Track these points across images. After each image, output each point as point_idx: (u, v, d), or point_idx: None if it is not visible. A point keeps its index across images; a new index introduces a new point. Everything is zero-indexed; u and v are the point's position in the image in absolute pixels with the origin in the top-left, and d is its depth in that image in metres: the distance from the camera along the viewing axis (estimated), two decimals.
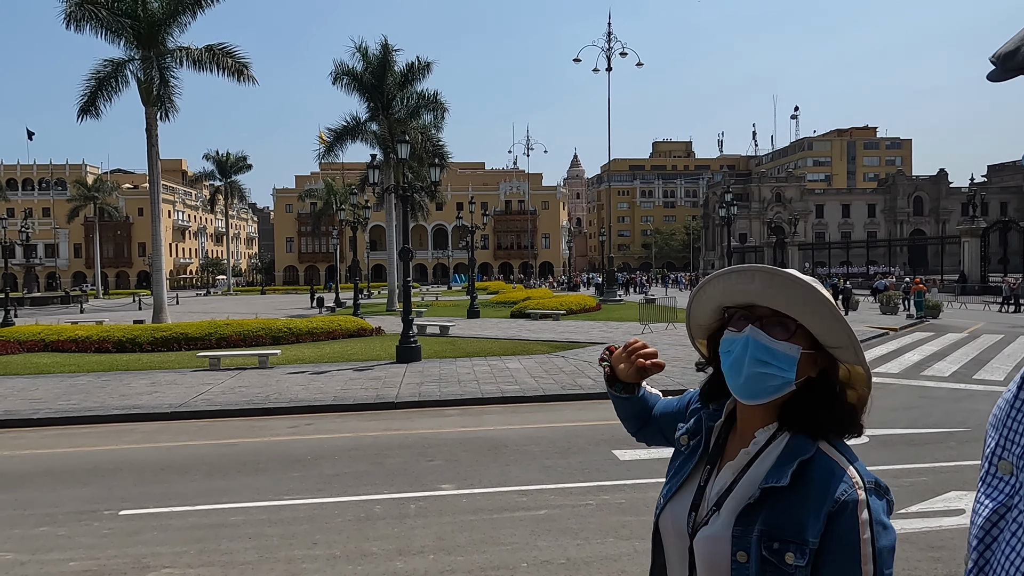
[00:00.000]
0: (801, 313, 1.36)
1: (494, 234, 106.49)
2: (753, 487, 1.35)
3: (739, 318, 1.41)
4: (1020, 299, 31.92)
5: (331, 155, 38.76)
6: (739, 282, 1.40)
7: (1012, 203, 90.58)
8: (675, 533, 1.45)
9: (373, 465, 8.05)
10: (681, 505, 1.46)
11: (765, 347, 1.35)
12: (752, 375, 1.35)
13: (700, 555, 1.38)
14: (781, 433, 1.39)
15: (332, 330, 21.70)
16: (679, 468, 1.52)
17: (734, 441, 1.47)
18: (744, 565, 1.30)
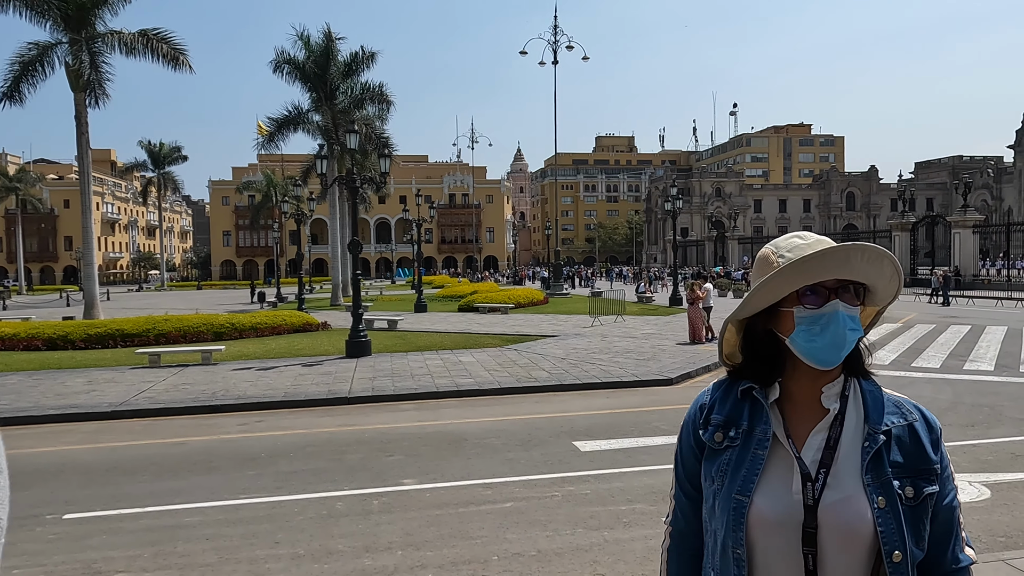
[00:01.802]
0: (877, 278, 1.45)
1: (438, 228, 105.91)
2: (861, 435, 1.42)
3: (809, 293, 1.43)
4: (948, 291, 33.39)
5: (271, 146, 37.89)
6: (834, 263, 1.41)
7: (938, 199, 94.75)
8: (777, 517, 1.38)
9: (332, 461, 7.86)
10: (778, 485, 1.40)
11: (851, 316, 1.42)
12: (848, 343, 1.42)
13: (832, 519, 1.36)
14: (849, 383, 1.47)
15: (277, 325, 21.19)
16: (740, 458, 1.45)
17: (794, 410, 1.47)
18: (885, 510, 1.36)
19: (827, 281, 1.42)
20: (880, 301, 1.49)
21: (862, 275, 1.42)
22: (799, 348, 1.42)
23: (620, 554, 5.21)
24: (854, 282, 1.43)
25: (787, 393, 1.48)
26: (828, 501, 1.37)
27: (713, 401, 1.54)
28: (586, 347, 16.73)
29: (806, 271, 1.40)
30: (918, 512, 1.38)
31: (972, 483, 6.56)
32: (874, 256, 1.40)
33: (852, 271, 1.41)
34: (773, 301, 1.46)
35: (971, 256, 43.43)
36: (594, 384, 12.12)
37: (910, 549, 1.35)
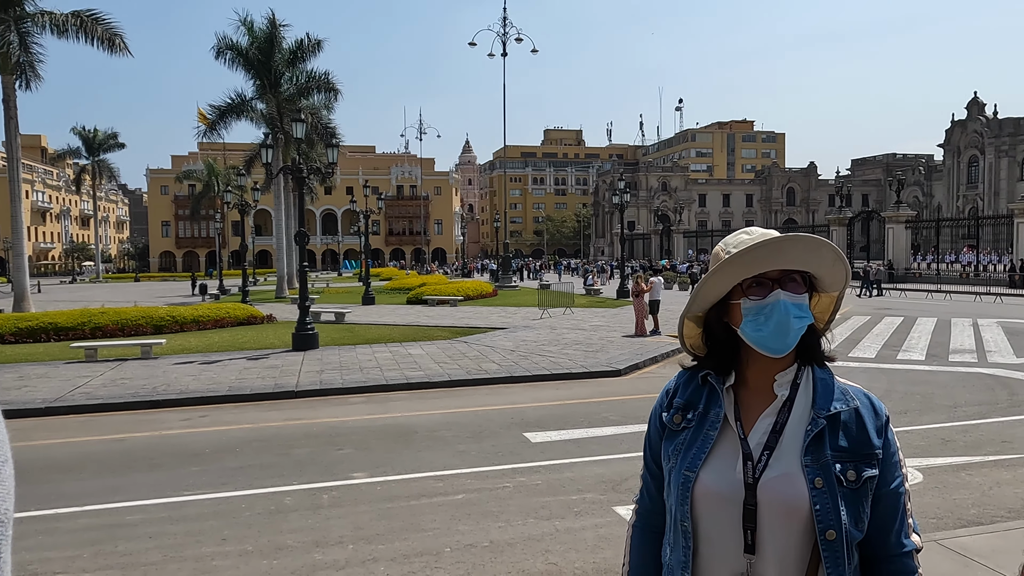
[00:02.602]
0: (818, 266, 1.49)
1: (385, 220, 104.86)
2: (806, 420, 1.47)
3: (753, 285, 1.49)
4: (881, 283, 34.67)
5: (213, 134, 36.89)
6: (767, 253, 1.46)
7: (873, 195, 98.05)
8: (719, 493, 1.46)
9: (280, 456, 7.73)
10: (723, 464, 1.48)
11: (796, 304, 1.46)
12: (795, 331, 1.46)
13: (771, 497, 1.43)
14: (803, 371, 1.52)
15: (220, 318, 20.70)
16: (692, 438, 1.53)
17: (747, 396, 1.54)
18: (822, 490, 1.41)
19: (770, 272, 1.47)
20: (831, 287, 1.54)
21: (802, 263, 1.47)
22: (748, 338, 1.48)
23: (572, 543, 5.27)
24: (800, 272, 1.48)
25: (743, 380, 1.55)
26: (767, 479, 1.44)
27: (677, 386, 1.63)
28: (535, 339, 16.81)
29: (745, 264, 1.46)
30: (858, 495, 1.42)
31: (906, 467, 6.83)
32: (811, 245, 1.45)
33: (790, 261, 1.46)
34: (721, 294, 1.53)
35: (904, 250, 45.14)
36: (544, 376, 12.20)
37: (847, 529, 1.40)
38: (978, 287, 34.68)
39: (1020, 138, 74.78)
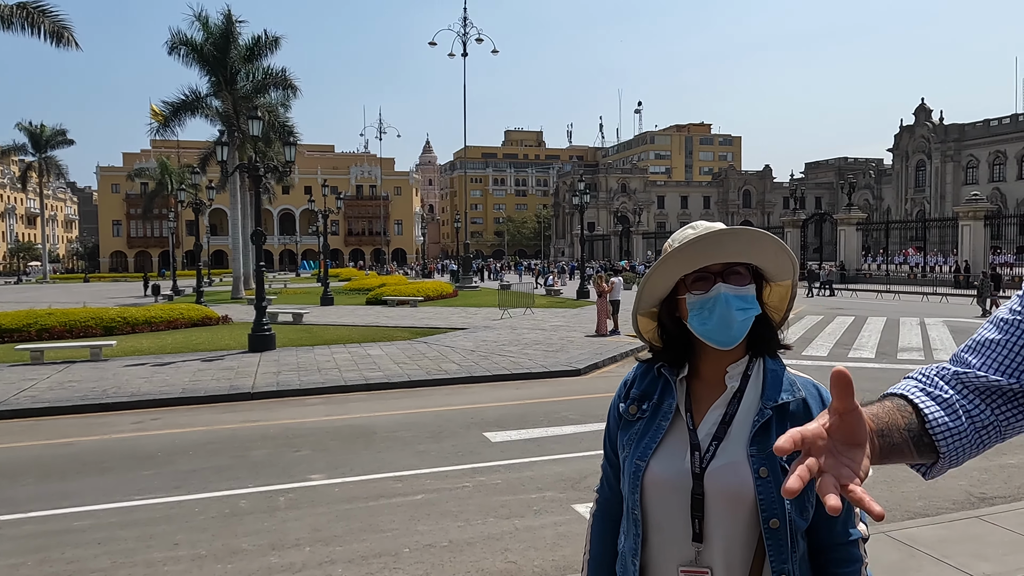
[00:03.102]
0: (760, 258, 1.49)
1: (345, 220, 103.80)
2: (754, 410, 1.47)
3: (696, 279, 1.49)
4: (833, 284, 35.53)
5: (167, 131, 36.06)
6: (706, 247, 1.46)
7: (825, 197, 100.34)
8: (668, 482, 1.49)
9: (235, 458, 7.59)
10: (672, 454, 1.50)
11: (739, 296, 1.46)
12: (738, 323, 1.46)
13: (717, 486, 1.44)
14: (754, 362, 1.53)
15: (173, 319, 20.24)
16: (645, 428, 1.55)
17: (700, 388, 1.56)
18: (767, 480, 1.42)
19: (713, 266, 1.48)
20: (779, 277, 1.54)
21: (743, 256, 1.48)
22: (696, 331, 1.50)
23: (531, 541, 5.28)
24: (745, 263, 1.49)
25: (696, 372, 1.57)
26: (713, 468, 1.46)
27: (635, 378, 1.65)
28: (496, 339, 16.81)
29: (686, 259, 1.47)
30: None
31: None
32: (751, 237, 1.45)
33: (731, 254, 1.47)
34: (666, 290, 1.54)
35: (855, 252, 46.30)
36: (504, 376, 12.21)
37: (791, 518, 1.42)
38: (925, 287, 35.75)
39: (964, 143, 77.39)
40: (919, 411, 1.08)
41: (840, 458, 0.88)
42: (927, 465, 1.10)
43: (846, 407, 0.88)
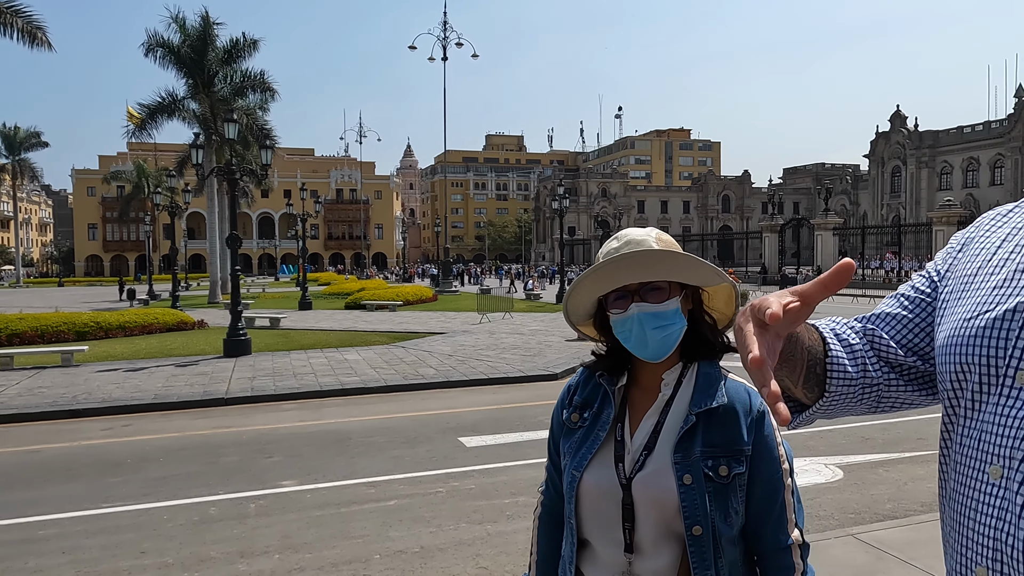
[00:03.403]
0: (669, 274, 1.46)
1: (325, 223, 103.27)
2: (682, 418, 1.46)
3: (616, 299, 1.48)
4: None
5: (143, 134, 35.71)
6: (607, 274, 1.45)
7: (803, 202, 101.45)
8: (600, 493, 1.49)
9: (206, 465, 7.50)
10: (606, 464, 1.50)
11: (655, 315, 1.44)
12: (657, 341, 1.45)
13: (643, 494, 1.44)
14: (688, 368, 1.52)
15: (148, 324, 19.99)
16: (584, 438, 1.55)
17: (639, 396, 1.55)
18: (690, 487, 1.41)
19: (631, 284, 1.45)
20: (710, 284, 1.50)
21: (651, 275, 1.44)
22: (625, 346, 1.49)
23: (503, 546, 5.26)
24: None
25: (635, 380, 1.57)
26: (639, 477, 1.46)
27: (578, 384, 1.64)
28: (474, 344, 16.79)
29: (596, 281, 1.47)
30: (728, 491, 1.43)
31: (827, 465, 7.07)
32: (655, 258, 1.42)
33: (639, 274, 1.44)
34: (586, 308, 1.54)
35: (831, 256, 46.80)
36: (481, 380, 12.18)
37: (715, 525, 1.42)
38: None
39: (939, 150, 78.61)
40: (825, 344, 1.06)
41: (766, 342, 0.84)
42: (799, 407, 1.08)
43: (820, 299, 0.84)
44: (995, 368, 0.89)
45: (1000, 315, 0.90)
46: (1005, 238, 1.00)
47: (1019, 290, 0.90)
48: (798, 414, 1.08)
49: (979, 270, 0.99)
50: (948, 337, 0.97)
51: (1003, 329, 0.89)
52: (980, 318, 0.92)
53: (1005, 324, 0.89)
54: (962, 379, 0.94)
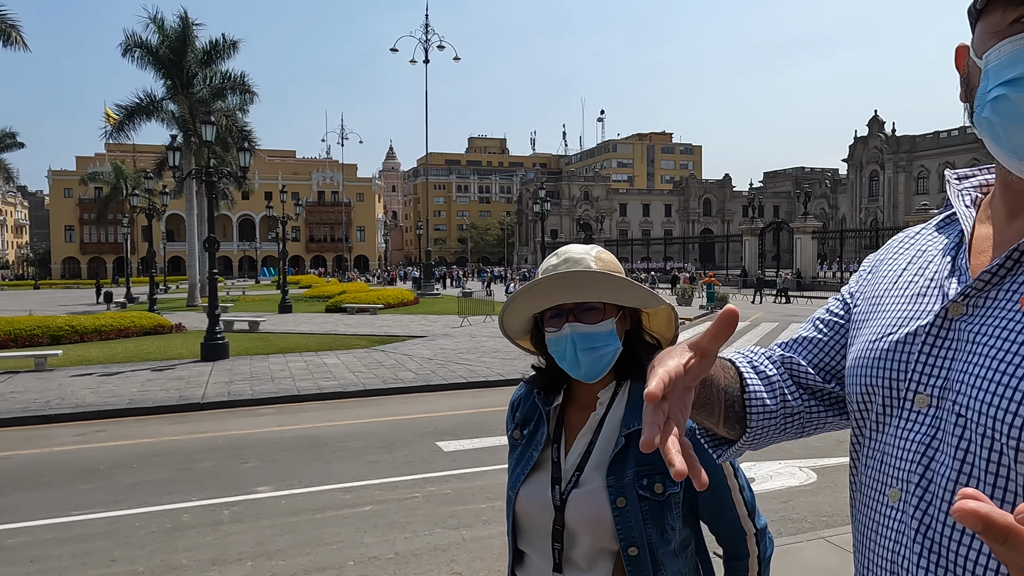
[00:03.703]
0: (604, 296, 1.45)
1: (306, 226, 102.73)
2: (614, 438, 1.45)
3: (552, 317, 1.47)
4: (788, 291, 36.21)
5: (121, 135, 35.26)
6: (541, 293, 1.44)
7: (783, 206, 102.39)
8: (535, 511, 1.49)
9: (180, 471, 7.42)
10: (539, 484, 1.50)
11: (588, 335, 1.43)
12: (590, 362, 1.43)
13: (577, 515, 1.44)
14: (621, 386, 1.51)
15: (124, 327, 19.75)
16: (520, 456, 1.56)
17: (574, 414, 1.54)
18: (624, 509, 1.40)
19: (566, 303, 1.44)
20: (646, 306, 1.50)
21: (582, 296, 1.43)
22: (559, 364, 1.49)
23: (478, 552, 5.26)
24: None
25: (571, 397, 1.56)
26: (573, 497, 1.45)
27: (520, 399, 1.64)
28: (454, 347, 16.76)
29: (527, 301, 1.46)
30: (663, 507, 1.43)
31: (802, 468, 7.13)
32: (585, 280, 1.41)
33: (566, 295, 1.43)
34: (522, 324, 1.53)
35: (811, 259, 47.25)
36: (460, 384, 12.16)
37: (651, 543, 1.41)
38: None
39: (916, 154, 79.67)
40: (742, 379, 1.05)
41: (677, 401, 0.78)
42: (725, 442, 1.07)
43: (715, 349, 0.80)
44: (896, 391, 0.90)
45: (902, 338, 0.91)
46: (910, 260, 1.01)
47: (920, 313, 0.91)
48: (725, 450, 1.08)
49: (886, 292, 1.00)
50: (855, 359, 0.98)
51: (904, 352, 0.90)
52: (884, 340, 0.94)
53: (906, 347, 0.90)
54: (868, 400, 0.95)
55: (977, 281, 0.85)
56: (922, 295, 0.93)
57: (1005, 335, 0.79)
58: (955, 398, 0.83)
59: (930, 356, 0.88)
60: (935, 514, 0.83)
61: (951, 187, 1.02)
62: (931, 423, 0.86)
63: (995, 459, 0.78)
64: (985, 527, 0.50)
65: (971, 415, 0.80)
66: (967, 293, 0.86)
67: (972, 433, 0.80)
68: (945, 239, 0.98)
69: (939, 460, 0.84)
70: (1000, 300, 0.82)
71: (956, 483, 0.81)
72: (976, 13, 0.88)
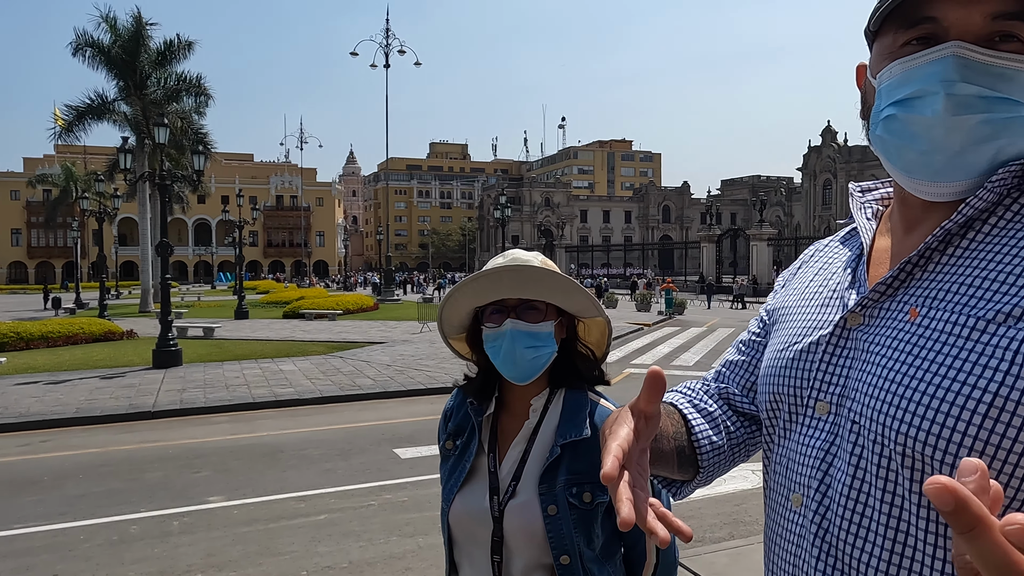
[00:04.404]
0: (550, 295, 1.46)
1: (264, 230, 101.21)
2: (548, 447, 1.45)
3: (492, 313, 1.47)
4: (744, 297, 36.84)
5: (71, 136, 34.31)
6: (488, 284, 1.44)
7: (740, 213, 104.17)
8: (472, 522, 1.48)
9: (128, 481, 7.23)
10: (475, 494, 1.49)
11: (528, 333, 1.44)
12: (526, 360, 1.43)
13: (512, 526, 1.43)
14: (555, 394, 1.51)
15: (73, 334, 19.20)
16: (454, 466, 1.54)
17: (508, 422, 1.54)
18: (555, 517, 1.41)
19: (509, 300, 1.45)
20: (584, 314, 1.51)
21: (529, 293, 1.45)
22: (494, 364, 1.48)
23: (434, 559, 5.23)
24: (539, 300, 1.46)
25: (505, 406, 1.55)
26: (509, 508, 1.45)
27: (452, 408, 1.62)
28: (414, 353, 16.67)
29: (474, 292, 1.46)
30: (590, 516, 1.44)
31: (755, 471, 7.25)
32: (535, 275, 1.42)
33: (517, 289, 1.44)
34: (463, 319, 1.53)
35: (766, 266, 48.18)
36: (419, 390, 12.10)
37: (580, 551, 1.42)
38: None
39: (867, 164, 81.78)
40: (687, 423, 1.08)
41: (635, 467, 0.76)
42: (681, 483, 1.10)
43: (654, 410, 0.80)
44: (800, 399, 0.94)
45: (805, 347, 0.94)
46: (818, 272, 1.05)
47: (823, 324, 0.95)
48: (680, 489, 1.11)
49: (795, 304, 1.04)
50: (765, 368, 1.02)
51: (807, 361, 0.93)
52: (789, 350, 0.97)
53: (809, 356, 0.93)
54: (775, 408, 0.98)
55: (873, 292, 0.88)
56: (825, 306, 0.96)
57: (896, 344, 0.82)
58: (850, 405, 0.86)
59: (830, 365, 0.91)
60: (832, 518, 0.86)
61: (854, 200, 1.05)
62: (830, 430, 0.89)
63: (884, 464, 0.80)
64: (956, 509, 0.46)
65: (864, 422, 0.83)
66: (864, 304, 0.89)
67: (865, 440, 0.83)
68: (849, 251, 1.02)
69: (836, 466, 0.87)
70: (893, 311, 0.86)
71: (851, 488, 0.84)
72: (872, 34, 0.91)
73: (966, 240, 0.83)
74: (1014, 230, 0.80)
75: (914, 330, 0.81)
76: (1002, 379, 0.72)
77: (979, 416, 0.73)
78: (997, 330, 0.74)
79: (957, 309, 0.78)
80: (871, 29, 0.90)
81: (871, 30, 0.91)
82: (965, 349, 0.75)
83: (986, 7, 0.79)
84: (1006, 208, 0.83)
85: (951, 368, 0.76)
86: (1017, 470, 0.72)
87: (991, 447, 0.72)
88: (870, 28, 0.91)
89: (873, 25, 0.89)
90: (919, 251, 0.85)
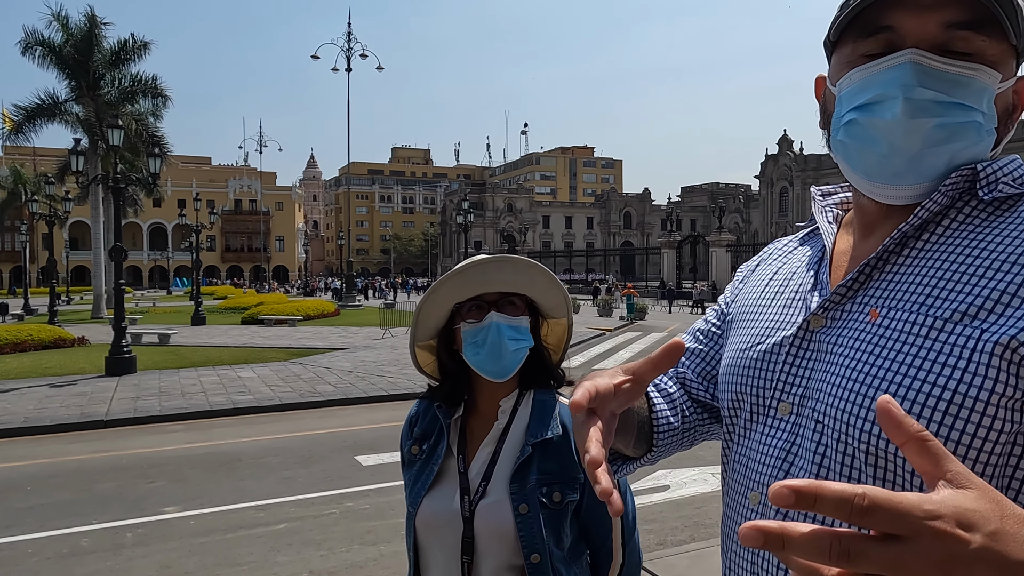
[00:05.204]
0: (532, 287, 1.50)
1: (222, 235, 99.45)
2: (519, 447, 1.47)
3: (472, 309, 1.49)
4: (705, 302, 37.38)
5: (20, 137, 33.31)
6: (474, 276, 1.46)
7: (700, 220, 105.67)
8: (441, 524, 1.48)
9: (79, 492, 7.02)
10: (444, 496, 1.49)
11: (511, 326, 1.47)
12: (510, 352, 1.46)
13: (483, 525, 1.44)
14: (524, 395, 1.53)
15: (20, 341, 18.58)
16: (421, 470, 1.54)
17: (476, 425, 1.55)
18: (527, 516, 1.42)
19: (488, 295, 1.48)
20: (553, 313, 1.56)
21: (513, 286, 1.49)
22: (470, 362, 1.50)
23: (395, 567, 5.18)
24: (520, 296, 1.50)
25: (473, 408, 1.57)
26: (480, 508, 1.46)
27: (417, 415, 1.62)
28: (375, 359, 16.52)
29: (457, 286, 1.48)
30: (559, 515, 1.46)
31: (715, 474, 7.32)
32: (519, 267, 1.47)
33: (502, 283, 1.48)
34: (442, 319, 1.53)
35: (725, 271, 48.90)
36: (381, 397, 11.99)
37: (550, 550, 1.44)
38: None
39: (822, 172, 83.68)
40: (649, 400, 1.08)
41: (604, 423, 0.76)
42: (625, 460, 1.08)
43: (652, 379, 0.79)
44: (763, 399, 0.95)
45: (769, 347, 0.96)
46: (777, 271, 1.07)
47: (786, 324, 0.96)
48: (622, 467, 1.09)
49: (756, 301, 1.05)
50: (726, 366, 1.03)
51: (770, 361, 0.95)
52: (753, 349, 0.99)
53: (772, 356, 0.95)
54: (737, 407, 1.00)
55: (834, 295, 0.90)
56: (788, 306, 0.98)
57: (857, 345, 0.85)
58: (813, 405, 0.88)
59: (793, 366, 0.92)
60: (794, 516, 0.87)
61: (815, 203, 1.08)
62: (792, 430, 0.90)
63: (848, 462, 0.82)
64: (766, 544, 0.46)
65: (827, 421, 0.85)
66: (825, 306, 0.91)
67: (828, 439, 0.85)
68: (810, 252, 1.04)
69: (798, 465, 0.88)
70: (854, 312, 0.88)
71: None
72: (831, 45, 0.94)
73: (921, 242, 0.87)
74: (965, 231, 0.84)
75: (875, 330, 0.83)
76: (960, 376, 0.75)
77: (939, 413, 0.75)
78: (954, 328, 0.77)
79: (915, 309, 0.81)
80: (831, 39, 0.93)
81: (831, 40, 0.93)
82: (924, 348, 0.78)
83: (940, 16, 0.82)
84: (958, 211, 0.87)
85: (911, 367, 0.78)
86: (976, 465, 0.74)
87: (951, 443, 0.75)
88: (830, 39, 0.93)
89: (833, 35, 0.92)
90: (877, 253, 0.87)
